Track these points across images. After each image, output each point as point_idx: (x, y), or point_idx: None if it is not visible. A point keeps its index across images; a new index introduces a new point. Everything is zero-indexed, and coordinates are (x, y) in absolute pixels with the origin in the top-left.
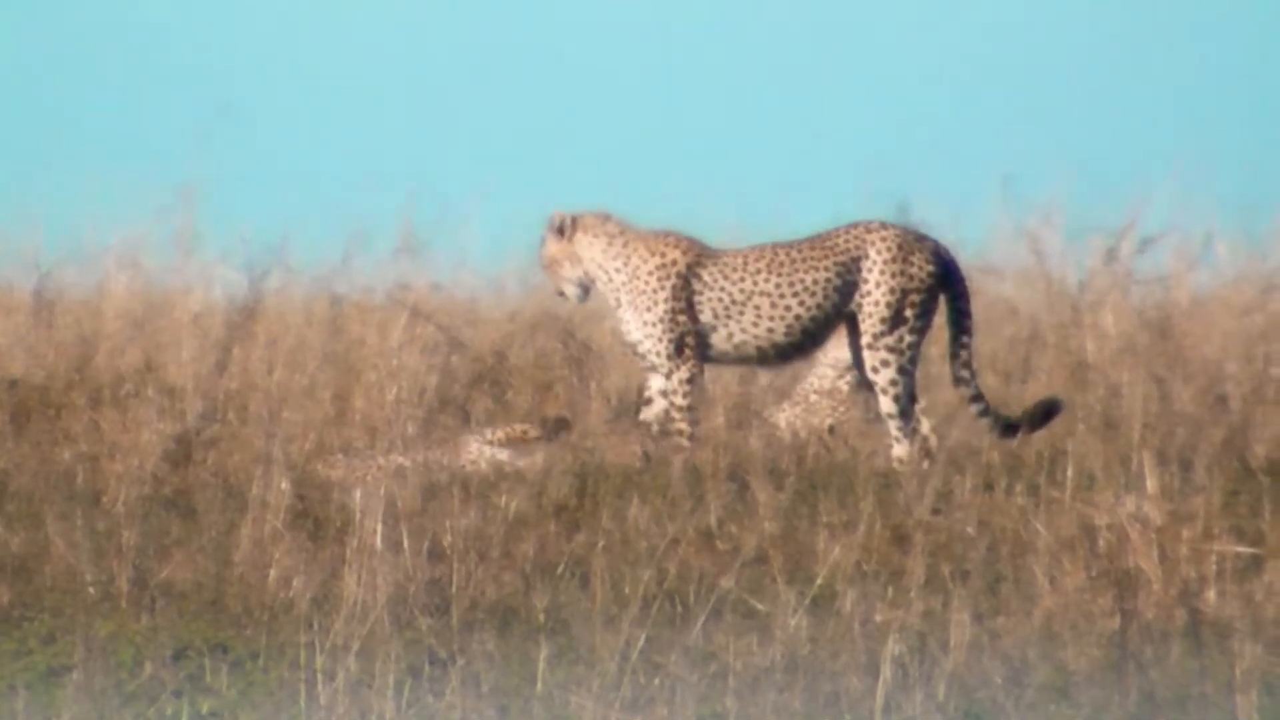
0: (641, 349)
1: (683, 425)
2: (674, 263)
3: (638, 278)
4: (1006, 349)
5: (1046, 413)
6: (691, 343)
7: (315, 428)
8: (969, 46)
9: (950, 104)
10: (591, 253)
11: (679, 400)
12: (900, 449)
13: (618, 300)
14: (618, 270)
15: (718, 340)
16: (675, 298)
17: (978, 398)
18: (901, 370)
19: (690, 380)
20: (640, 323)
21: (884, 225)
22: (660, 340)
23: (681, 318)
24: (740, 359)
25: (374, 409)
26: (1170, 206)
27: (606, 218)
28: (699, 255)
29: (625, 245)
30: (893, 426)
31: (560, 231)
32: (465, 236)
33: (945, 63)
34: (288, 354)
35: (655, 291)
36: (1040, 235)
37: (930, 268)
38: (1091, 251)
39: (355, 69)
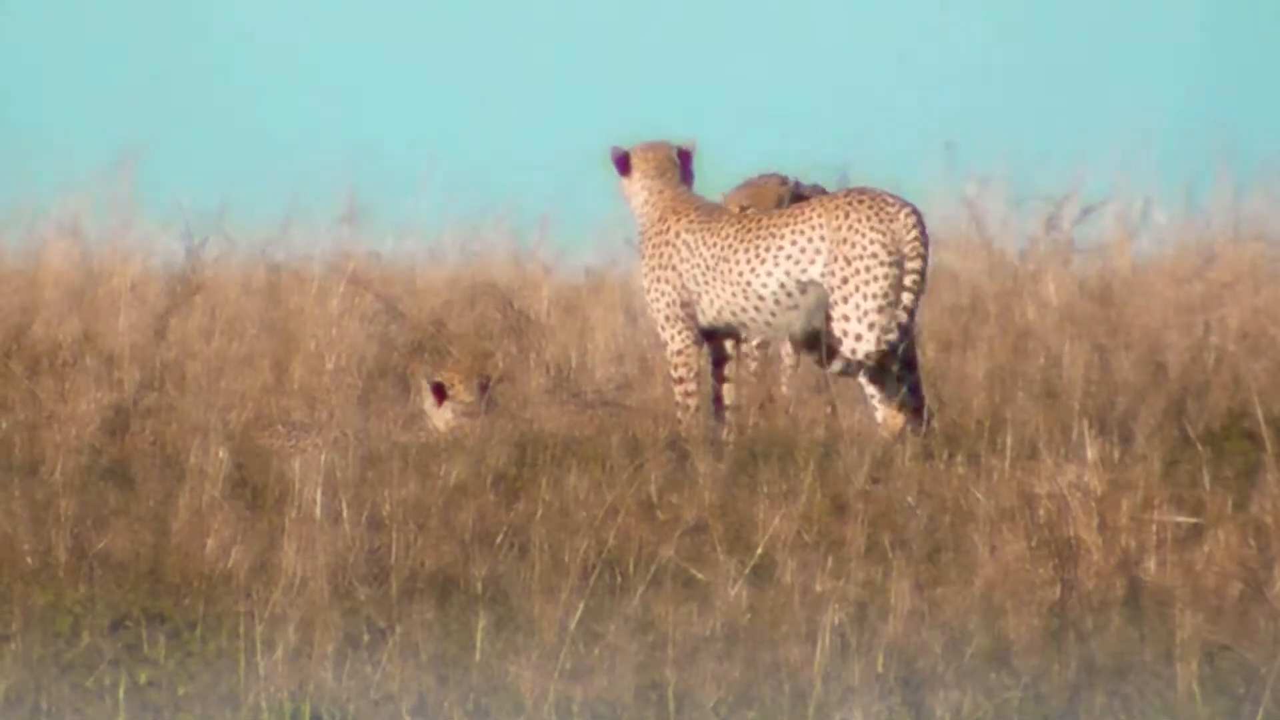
0: (650, 316)
1: (677, 399)
2: (668, 229)
3: (646, 239)
4: (947, 317)
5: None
6: (681, 314)
7: (254, 397)
8: (910, 13)
9: (892, 71)
10: (636, 202)
11: (672, 374)
12: (878, 414)
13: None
14: (643, 230)
15: (705, 309)
16: (662, 266)
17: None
18: (859, 338)
19: (681, 353)
20: (643, 289)
21: (835, 194)
22: (651, 308)
23: (666, 287)
24: (727, 331)
25: (312, 378)
26: (1110, 175)
27: (664, 169)
28: (691, 222)
29: (655, 207)
30: (865, 395)
31: (619, 167)
32: (407, 204)
33: (886, 29)
34: (226, 323)
35: (650, 258)
36: (980, 203)
37: (870, 234)
38: (1032, 220)
39: (297, 35)
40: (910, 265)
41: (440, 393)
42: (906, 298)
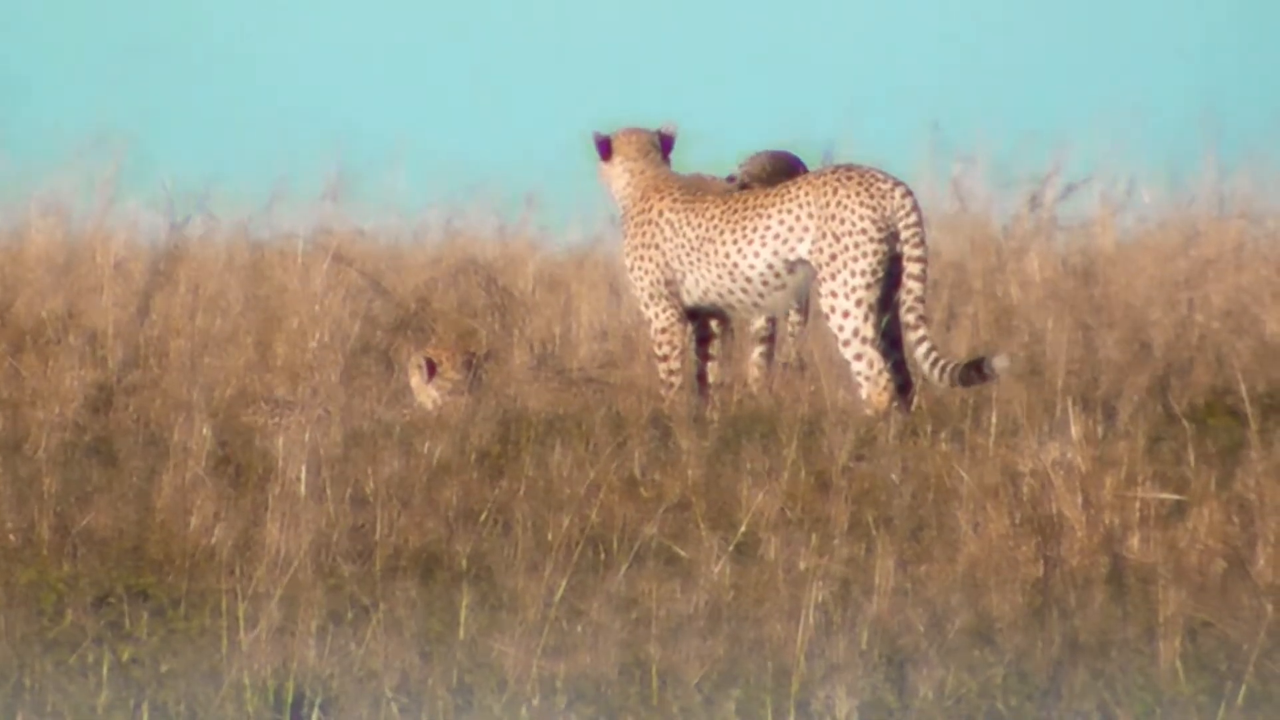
0: (633, 295)
1: (661, 376)
2: (650, 208)
3: (629, 219)
4: (931, 295)
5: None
6: (664, 292)
7: (237, 374)
8: None
9: (878, 51)
10: (617, 185)
11: (656, 351)
12: (862, 390)
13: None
14: (624, 211)
15: (689, 288)
16: (645, 245)
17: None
18: (846, 314)
19: (665, 330)
20: (625, 269)
21: (823, 171)
22: (634, 287)
23: (650, 265)
24: (713, 311)
25: (296, 355)
26: (1094, 153)
27: (645, 151)
28: (675, 201)
29: (636, 187)
30: (851, 371)
31: (601, 151)
32: (390, 181)
33: (872, 9)
34: (210, 300)
35: (632, 236)
36: (965, 182)
37: (859, 210)
38: (1016, 198)
39: (281, 12)
40: (914, 253)
41: (434, 370)
42: (916, 287)
